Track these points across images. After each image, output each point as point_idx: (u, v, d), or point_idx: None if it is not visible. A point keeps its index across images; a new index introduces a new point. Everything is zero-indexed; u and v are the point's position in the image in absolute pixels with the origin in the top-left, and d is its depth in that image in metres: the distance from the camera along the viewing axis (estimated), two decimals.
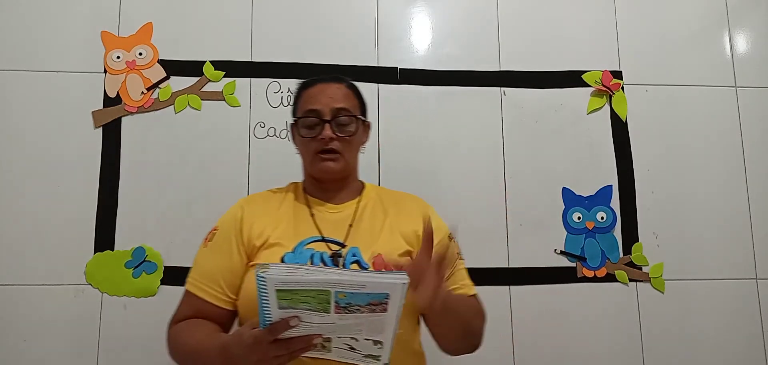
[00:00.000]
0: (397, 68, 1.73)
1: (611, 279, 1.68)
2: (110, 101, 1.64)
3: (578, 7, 1.82)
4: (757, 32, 1.85)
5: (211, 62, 1.68)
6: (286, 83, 1.69)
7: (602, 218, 1.71)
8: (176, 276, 1.53)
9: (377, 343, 0.93)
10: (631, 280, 1.68)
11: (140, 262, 1.57)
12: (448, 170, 1.70)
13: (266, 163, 1.64)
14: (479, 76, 1.75)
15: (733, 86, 1.80)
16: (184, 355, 1.09)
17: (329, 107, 1.18)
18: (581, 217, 1.70)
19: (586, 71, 1.78)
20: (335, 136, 1.17)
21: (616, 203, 1.72)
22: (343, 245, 1.14)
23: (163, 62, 1.67)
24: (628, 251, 1.70)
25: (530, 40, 1.78)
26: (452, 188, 1.69)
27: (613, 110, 1.76)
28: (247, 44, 1.71)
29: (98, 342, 1.53)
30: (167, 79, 1.67)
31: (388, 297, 0.85)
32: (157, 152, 1.63)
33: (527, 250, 1.67)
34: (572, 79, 1.77)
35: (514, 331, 1.63)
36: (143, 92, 1.65)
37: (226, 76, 1.68)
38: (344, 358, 0.97)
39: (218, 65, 1.68)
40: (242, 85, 1.68)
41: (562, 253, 1.69)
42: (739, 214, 1.74)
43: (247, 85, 1.68)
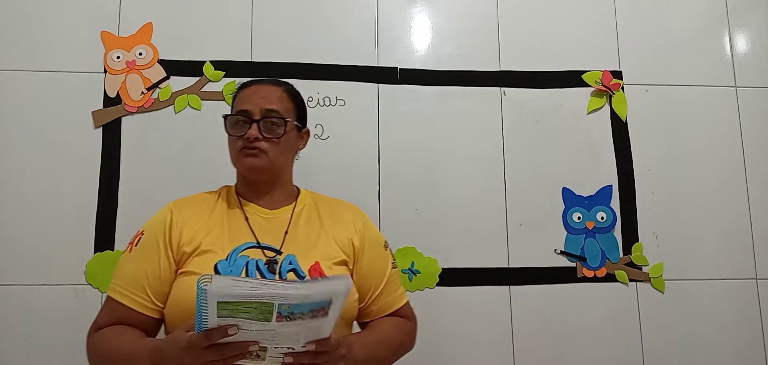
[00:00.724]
0: (397, 68, 1.73)
1: (611, 279, 1.68)
2: (110, 101, 1.64)
3: (578, 7, 1.82)
4: (757, 32, 1.85)
5: (211, 62, 1.68)
6: None
7: (602, 218, 1.71)
8: None
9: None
10: (631, 280, 1.68)
11: None
12: (448, 170, 1.70)
13: None
14: (479, 76, 1.75)
15: (733, 86, 1.81)
16: (109, 361, 1.05)
17: (259, 108, 1.16)
18: (581, 217, 1.70)
19: (586, 71, 1.78)
20: (261, 136, 1.15)
21: (616, 203, 1.72)
22: (278, 252, 1.12)
23: (163, 62, 1.67)
24: (628, 252, 1.70)
25: (530, 40, 1.78)
26: (452, 188, 1.68)
27: (613, 110, 1.76)
28: (247, 44, 1.71)
29: None
30: (167, 79, 1.67)
31: (331, 302, 0.86)
32: (157, 152, 1.63)
33: (527, 250, 1.67)
34: (572, 79, 1.77)
35: (514, 331, 1.63)
36: (143, 92, 1.65)
37: (226, 76, 1.68)
38: None
39: (218, 65, 1.68)
40: None
41: (562, 253, 1.69)
42: (739, 214, 1.74)
43: None
